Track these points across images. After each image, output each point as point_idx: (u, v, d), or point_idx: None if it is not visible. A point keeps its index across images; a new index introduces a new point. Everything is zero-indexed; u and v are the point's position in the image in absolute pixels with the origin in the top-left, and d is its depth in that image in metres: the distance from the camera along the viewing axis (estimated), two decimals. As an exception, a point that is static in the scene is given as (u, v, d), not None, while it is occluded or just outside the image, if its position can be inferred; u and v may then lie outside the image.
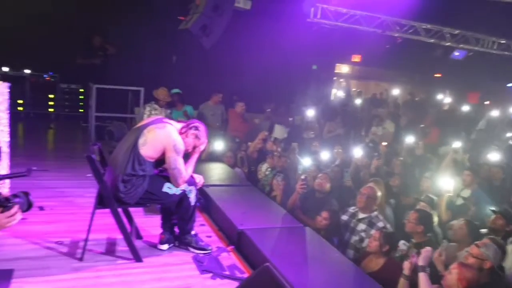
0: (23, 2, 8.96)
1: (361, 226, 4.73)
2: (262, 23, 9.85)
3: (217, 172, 6.46)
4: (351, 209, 4.95)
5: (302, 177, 5.16)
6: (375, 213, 4.81)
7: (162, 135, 3.68)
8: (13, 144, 4.35)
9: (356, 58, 14.74)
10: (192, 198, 3.91)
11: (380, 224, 4.62)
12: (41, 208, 4.72)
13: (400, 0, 9.16)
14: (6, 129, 4.10)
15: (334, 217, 4.80)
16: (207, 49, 7.77)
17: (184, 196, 3.87)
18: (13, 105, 4.29)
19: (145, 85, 8.68)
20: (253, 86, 10.10)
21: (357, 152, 7.09)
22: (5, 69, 9.49)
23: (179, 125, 3.90)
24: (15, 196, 1.86)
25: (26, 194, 1.94)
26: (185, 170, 3.78)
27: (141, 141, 3.64)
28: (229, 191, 5.66)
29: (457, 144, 7.34)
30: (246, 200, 5.29)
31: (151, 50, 9.73)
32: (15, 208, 1.81)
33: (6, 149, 4.07)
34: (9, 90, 4.21)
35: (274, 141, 7.14)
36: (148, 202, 3.91)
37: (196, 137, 3.88)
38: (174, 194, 3.82)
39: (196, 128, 3.88)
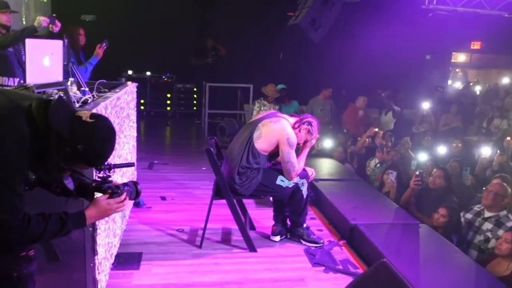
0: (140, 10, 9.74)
1: (487, 226, 4.36)
2: (373, 14, 9.49)
3: (327, 167, 6.42)
4: (476, 207, 4.59)
5: (417, 172, 4.91)
6: (505, 212, 4.40)
7: (276, 129, 3.76)
8: (137, 140, 4.75)
9: (476, 45, 13.53)
10: (304, 191, 3.94)
11: (510, 224, 4.21)
12: (163, 198, 5.11)
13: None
14: (135, 125, 4.50)
15: (453, 215, 4.49)
16: (316, 44, 7.72)
17: (296, 189, 3.91)
18: (137, 104, 4.69)
19: (254, 82, 8.92)
20: (363, 79, 9.82)
21: (486, 150, 6.54)
22: (129, 72, 10.41)
23: (292, 120, 3.97)
24: (125, 184, 2.02)
25: (135, 183, 2.10)
26: (297, 163, 3.83)
27: (256, 134, 3.76)
28: (340, 186, 5.59)
29: None
30: (357, 195, 5.18)
31: (260, 47, 9.93)
32: (124, 195, 1.96)
33: (134, 143, 4.46)
34: (136, 90, 4.63)
35: (384, 135, 6.87)
36: (262, 194, 4.02)
37: (309, 132, 3.92)
38: (287, 187, 3.88)
39: (309, 124, 3.91)
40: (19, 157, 1.59)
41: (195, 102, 11.02)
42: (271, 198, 4.37)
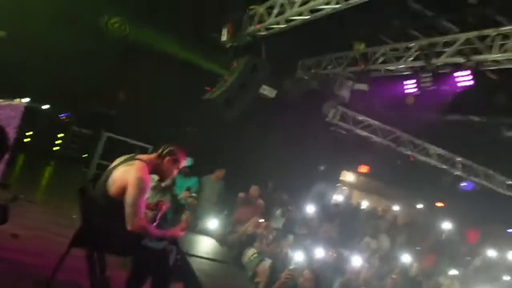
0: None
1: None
2: (283, 115, 10.09)
3: (206, 245, 6.21)
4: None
5: (291, 267, 4.91)
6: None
7: (126, 170, 3.44)
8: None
9: (364, 168, 14.80)
10: (171, 258, 3.62)
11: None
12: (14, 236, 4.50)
13: (419, 120, 9.39)
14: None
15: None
16: (227, 121, 7.90)
17: (163, 254, 3.53)
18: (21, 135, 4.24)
19: (155, 145, 8.71)
20: (258, 167, 10.10)
21: (356, 260, 6.85)
22: (25, 99, 9.64)
23: (152, 156, 3.69)
24: None
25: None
26: (142, 212, 3.39)
27: (109, 181, 3.44)
28: (212, 266, 5.37)
29: (453, 271, 7.09)
30: (227, 280, 4.99)
31: (170, 113, 9.89)
32: None
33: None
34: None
35: (267, 227, 6.91)
36: (121, 253, 3.57)
37: (174, 161, 3.66)
38: (153, 249, 3.47)
39: (171, 152, 3.65)
40: None
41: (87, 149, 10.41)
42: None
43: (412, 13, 7.58)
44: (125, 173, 3.40)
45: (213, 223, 6.90)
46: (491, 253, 11.08)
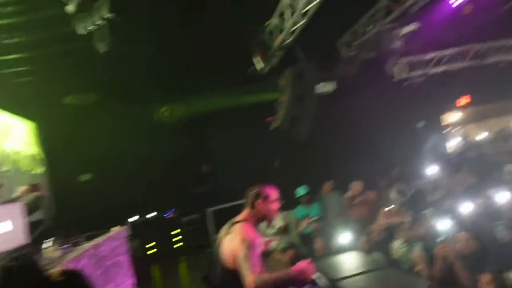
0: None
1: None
2: (352, 100, 9.67)
3: (351, 261, 5.89)
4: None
5: (439, 240, 4.46)
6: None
7: (228, 241, 3.39)
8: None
9: (464, 100, 13.56)
10: None
11: None
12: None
13: (486, 24, 8.43)
14: (129, 271, 4.18)
15: (499, 278, 3.94)
16: (302, 140, 7.70)
17: None
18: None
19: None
20: (362, 163, 9.62)
21: (502, 195, 6.13)
22: (133, 218, 10.27)
23: (245, 213, 3.55)
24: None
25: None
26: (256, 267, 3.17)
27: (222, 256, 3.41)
28: (368, 279, 5.04)
29: None
30: (390, 285, 4.63)
31: (254, 161, 9.90)
32: None
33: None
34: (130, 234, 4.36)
35: (399, 213, 6.44)
36: None
37: (265, 199, 3.49)
38: None
39: (258, 194, 3.50)
40: None
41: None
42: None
43: None
44: (231, 243, 3.36)
45: (344, 237, 6.57)
46: None
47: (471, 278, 4.20)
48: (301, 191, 7.80)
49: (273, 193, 3.60)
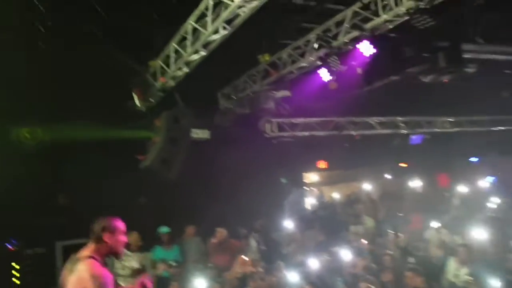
0: None
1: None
2: (225, 149, 10.02)
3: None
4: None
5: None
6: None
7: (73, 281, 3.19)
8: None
9: (322, 164, 14.96)
10: None
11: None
12: None
13: (348, 101, 9.63)
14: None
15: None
16: (171, 183, 7.70)
17: None
18: None
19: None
20: (226, 211, 9.88)
21: (345, 253, 6.84)
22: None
23: (90, 247, 3.41)
24: None
25: None
26: None
27: None
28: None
29: (434, 224, 7.28)
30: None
31: (117, 195, 9.52)
32: None
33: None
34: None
35: (253, 262, 6.73)
36: None
37: (110, 232, 3.41)
38: None
39: (104, 228, 3.40)
40: None
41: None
42: None
43: (298, 9, 7.81)
44: (78, 282, 3.15)
45: (200, 283, 6.59)
46: (462, 188, 11.58)
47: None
48: (163, 229, 7.77)
49: (120, 225, 3.49)
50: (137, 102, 8.20)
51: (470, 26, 6.82)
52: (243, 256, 7.00)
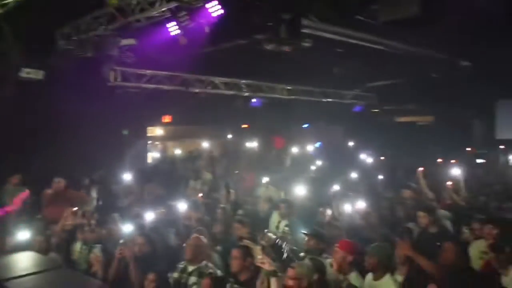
0: None
1: (192, 279, 4.59)
2: (62, 93, 9.19)
3: (23, 261, 5.51)
4: (180, 265, 4.77)
5: (121, 241, 4.81)
6: (204, 262, 4.72)
7: None
8: None
9: (167, 118, 14.91)
10: None
11: (210, 272, 4.53)
12: None
13: (195, 58, 9.67)
14: None
15: (162, 278, 4.53)
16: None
17: None
18: None
19: None
20: (62, 160, 9.21)
21: (182, 206, 7.04)
22: None
23: None
24: None
25: None
26: None
27: None
28: (39, 280, 4.85)
29: (264, 179, 7.93)
30: (60, 285, 4.59)
31: None
32: None
33: None
34: None
35: (84, 214, 6.50)
36: None
37: None
38: None
39: None
40: None
41: None
42: None
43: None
44: None
45: (23, 234, 6.11)
46: (294, 150, 12.84)
47: (140, 277, 4.64)
48: None
49: None
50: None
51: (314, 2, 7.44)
52: (74, 208, 6.68)
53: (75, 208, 6.54)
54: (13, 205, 3.22)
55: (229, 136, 17.13)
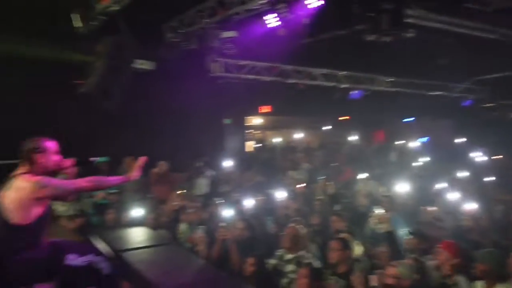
0: None
1: (290, 267, 4.61)
2: (169, 84, 9.78)
3: (137, 235, 6.00)
4: (278, 252, 4.83)
5: (222, 224, 5.00)
6: (302, 252, 4.72)
7: (14, 189, 3.14)
8: None
9: (265, 108, 15.13)
10: (105, 267, 3.39)
11: (307, 262, 4.52)
12: None
13: (294, 49, 9.67)
14: None
15: (260, 262, 4.62)
16: (112, 113, 7.43)
17: (91, 269, 3.31)
18: None
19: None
20: (169, 146, 9.82)
21: (280, 194, 7.12)
22: None
23: (23, 168, 3.29)
24: None
25: None
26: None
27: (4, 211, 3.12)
28: (152, 253, 5.25)
29: (363, 175, 7.71)
30: (169, 260, 4.92)
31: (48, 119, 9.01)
32: None
33: None
34: None
35: (190, 197, 6.88)
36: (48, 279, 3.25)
37: (44, 152, 3.31)
38: (78, 267, 3.26)
39: (34, 149, 3.28)
40: None
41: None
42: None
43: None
44: (17, 193, 3.10)
45: (137, 211, 6.64)
46: (399, 145, 12.31)
47: (240, 260, 4.80)
48: (101, 159, 7.68)
49: (51, 145, 3.38)
50: (77, 23, 7.68)
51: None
52: (178, 191, 7.11)
53: (181, 191, 6.94)
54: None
55: (325, 128, 16.90)
